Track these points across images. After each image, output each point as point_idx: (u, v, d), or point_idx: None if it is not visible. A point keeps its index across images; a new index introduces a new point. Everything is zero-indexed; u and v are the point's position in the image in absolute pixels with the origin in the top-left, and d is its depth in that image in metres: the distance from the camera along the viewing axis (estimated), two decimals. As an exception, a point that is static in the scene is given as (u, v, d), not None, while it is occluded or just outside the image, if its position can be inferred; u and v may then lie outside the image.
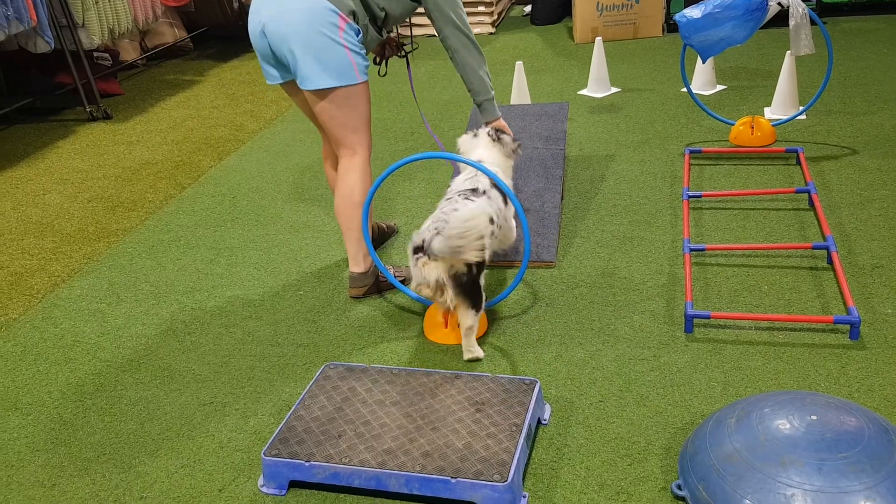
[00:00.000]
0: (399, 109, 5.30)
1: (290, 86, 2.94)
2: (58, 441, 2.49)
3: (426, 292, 2.54)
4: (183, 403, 2.61)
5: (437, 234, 2.42)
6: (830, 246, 2.94)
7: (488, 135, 2.99)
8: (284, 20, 2.67)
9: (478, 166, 2.62)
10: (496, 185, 2.76)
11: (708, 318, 2.67)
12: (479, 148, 2.97)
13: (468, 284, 2.48)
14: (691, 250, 3.09)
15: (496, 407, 2.21)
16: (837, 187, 3.54)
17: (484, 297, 2.58)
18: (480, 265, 2.50)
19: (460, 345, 2.72)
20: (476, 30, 6.90)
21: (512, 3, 8.06)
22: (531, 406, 2.19)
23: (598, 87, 5.16)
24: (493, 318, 2.87)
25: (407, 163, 2.62)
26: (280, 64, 2.84)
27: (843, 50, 5.44)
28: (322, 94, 2.76)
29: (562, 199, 3.60)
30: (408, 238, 3.47)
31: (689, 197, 3.54)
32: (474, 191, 2.71)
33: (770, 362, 2.47)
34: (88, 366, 2.88)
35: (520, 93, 4.89)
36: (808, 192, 3.41)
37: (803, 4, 3.71)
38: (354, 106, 2.81)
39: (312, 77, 2.72)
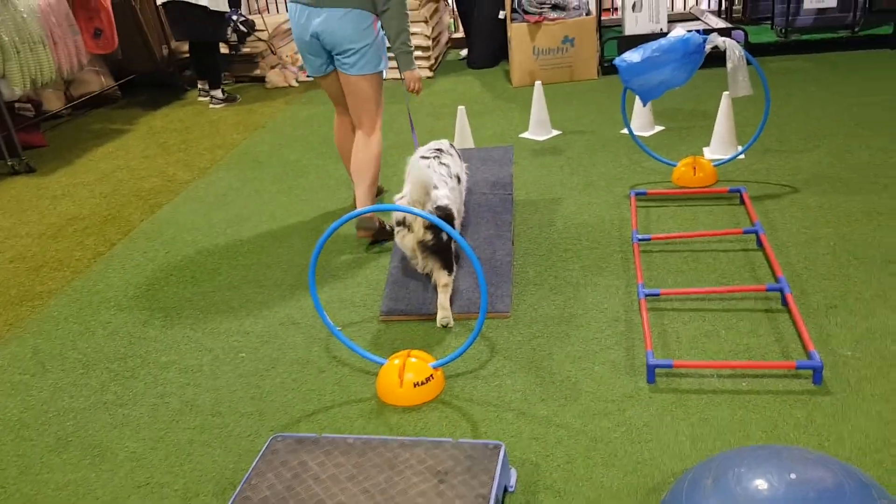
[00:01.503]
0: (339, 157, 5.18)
1: (333, 76, 3.82)
2: (-26, 536, 2.24)
3: (413, 261, 3.09)
4: (116, 486, 2.39)
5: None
6: (784, 287, 2.92)
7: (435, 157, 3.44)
8: (337, 27, 3.55)
9: (438, 222, 2.52)
10: (455, 151, 3.59)
11: (670, 367, 2.60)
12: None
13: (435, 248, 3.00)
14: (646, 296, 3.03)
15: (460, 476, 2.07)
16: (783, 226, 3.55)
17: (454, 262, 3.10)
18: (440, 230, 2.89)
19: (417, 406, 2.60)
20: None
21: (448, 47, 8.07)
22: (497, 473, 2.06)
23: (539, 129, 5.15)
24: (450, 375, 2.74)
25: (360, 214, 2.50)
26: (327, 58, 3.73)
27: (773, 88, 5.54)
28: (362, 77, 3.70)
29: (512, 245, 3.52)
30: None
31: (639, 240, 3.50)
32: (439, 150, 3.43)
33: (736, 412, 2.40)
34: (10, 446, 2.63)
35: (462, 137, 4.83)
36: (756, 232, 3.41)
37: (740, 47, 3.75)
38: (378, 89, 3.78)
39: (357, 66, 3.66)
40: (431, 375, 2.63)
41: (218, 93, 6.77)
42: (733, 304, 2.98)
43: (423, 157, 3.39)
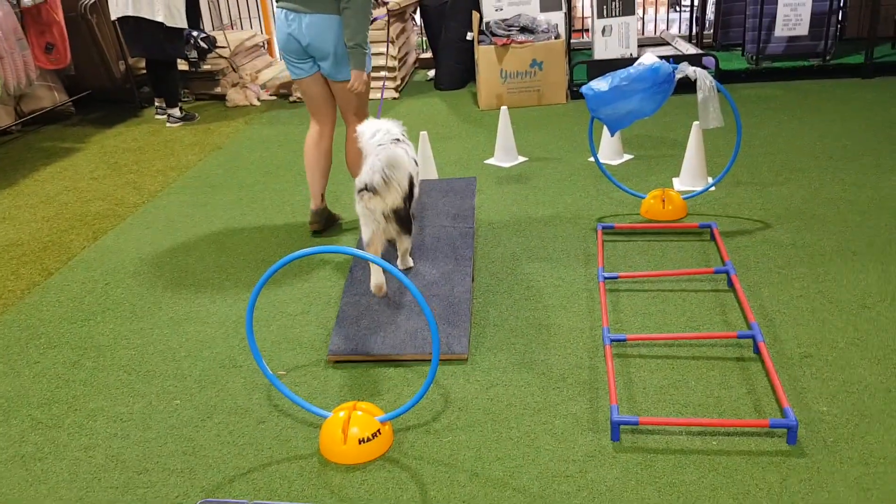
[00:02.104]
0: (298, 180, 4.97)
1: (313, 79, 3.85)
2: None
3: (372, 225, 3.12)
4: (23, 557, 2.15)
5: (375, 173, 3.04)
6: (756, 335, 2.76)
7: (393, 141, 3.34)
8: (318, 34, 3.62)
9: (386, 265, 2.32)
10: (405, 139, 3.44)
11: (636, 424, 2.42)
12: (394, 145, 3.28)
13: (404, 216, 3.16)
14: (612, 341, 2.85)
15: (402, 555, 1.86)
16: (755, 265, 3.41)
17: (413, 225, 3.30)
18: (410, 199, 3.17)
19: (363, 464, 2.38)
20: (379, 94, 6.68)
21: (415, 68, 7.92)
22: (443, 552, 1.86)
23: (505, 156, 4.98)
24: (400, 428, 2.53)
25: (310, 254, 2.29)
26: (310, 60, 3.78)
27: (744, 117, 5.45)
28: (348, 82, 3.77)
29: (472, 281, 3.33)
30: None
31: (606, 278, 3.33)
32: (396, 140, 3.34)
33: (706, 475, 2.22)
34: None
35: (425, 165, 4.64)
36: (727, 272, 3.26)
37: (711, 77, 3.62)
38: (365, 88, 3.84)
39: (344, 72, 3.75)
40: (379, 430, 2.42)
41: (175, 111, 6.53)
42: (703, 352, 2.81)
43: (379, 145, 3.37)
